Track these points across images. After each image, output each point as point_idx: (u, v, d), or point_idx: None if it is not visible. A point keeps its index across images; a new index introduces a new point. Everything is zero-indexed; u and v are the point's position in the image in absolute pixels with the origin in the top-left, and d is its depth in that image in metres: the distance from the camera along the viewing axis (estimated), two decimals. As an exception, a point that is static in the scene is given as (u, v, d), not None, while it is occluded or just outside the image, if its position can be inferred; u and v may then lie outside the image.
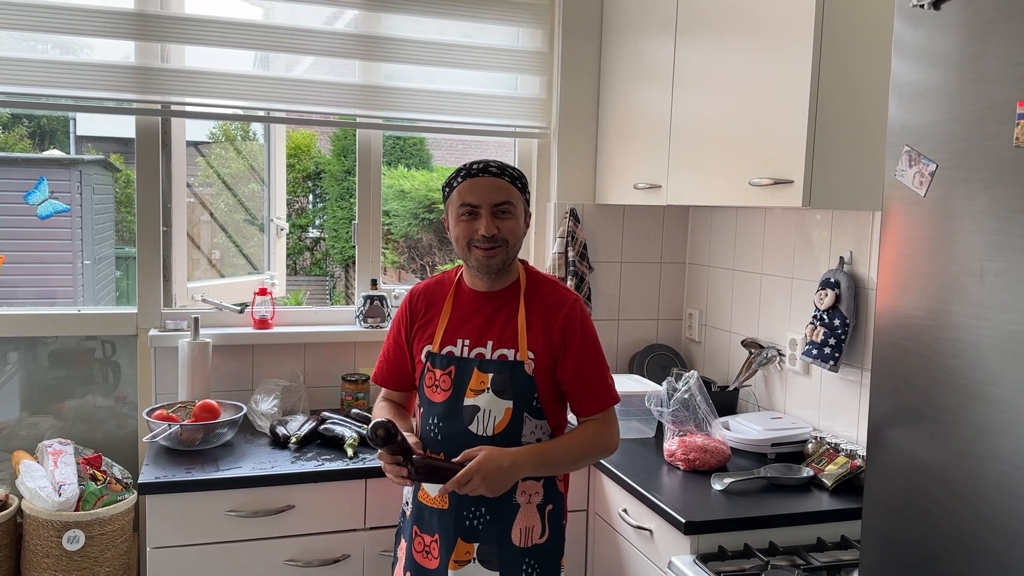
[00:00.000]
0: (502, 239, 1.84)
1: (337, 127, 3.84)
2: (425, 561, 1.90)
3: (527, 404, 1.87)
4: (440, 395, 1.89)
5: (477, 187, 1.84)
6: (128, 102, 2.55)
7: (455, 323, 1.92)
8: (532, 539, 1.89)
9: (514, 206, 1.86)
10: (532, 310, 1.90)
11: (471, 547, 1.86)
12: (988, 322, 1.07)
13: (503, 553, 1.86)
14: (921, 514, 1.17)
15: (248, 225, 4.24)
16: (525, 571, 1.88)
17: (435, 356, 1.91)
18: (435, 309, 1.96)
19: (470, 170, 1.87)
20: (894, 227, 1.23)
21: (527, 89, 2.95)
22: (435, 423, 1.89)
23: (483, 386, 1.86)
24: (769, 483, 2.12)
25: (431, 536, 1.89)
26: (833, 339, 2.22)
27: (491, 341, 1.89)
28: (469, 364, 1.88)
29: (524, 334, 1.88)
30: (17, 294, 4.07)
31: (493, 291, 1.93)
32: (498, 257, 1.85)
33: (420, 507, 1.92)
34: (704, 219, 2.99)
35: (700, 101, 2.32)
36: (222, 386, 2.66)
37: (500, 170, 1.87)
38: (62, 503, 2.19)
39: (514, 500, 1.87)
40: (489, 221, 1.82)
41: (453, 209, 1.88)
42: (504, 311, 1.91)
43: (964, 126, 1.12)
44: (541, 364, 1.87)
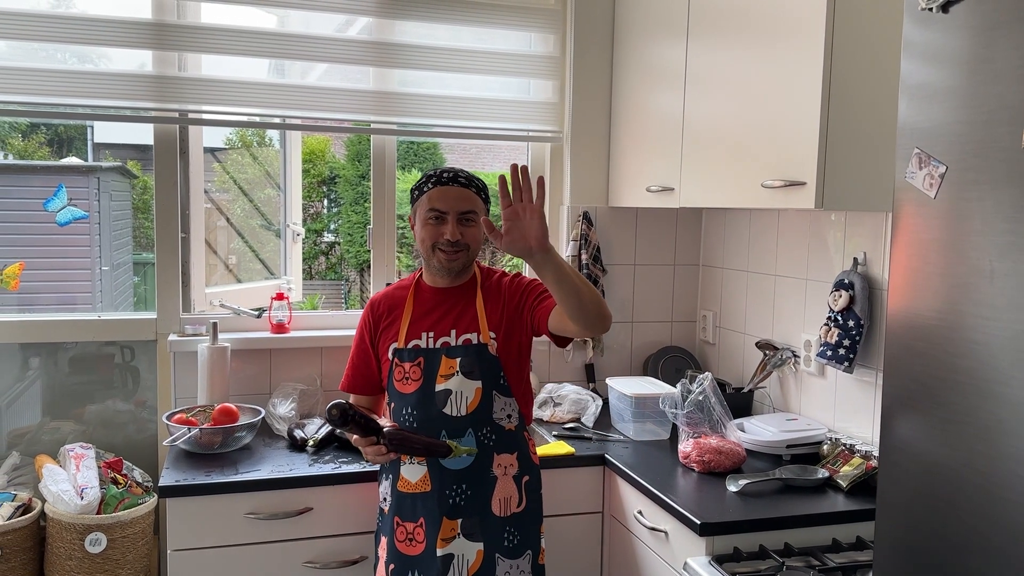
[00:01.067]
0: (464, 244, 2.02)
1: (352, 133, 3.86)
2: (409, 548, 2.00)
3: (495, 383, 2.03)
4: (411, 385, 2.02)
5: (446, 195, 2.01)
6: (146, 110, 2.58)
7: (417, 318, 2.07)
8: (511, 508, 2.02)
9: (477, 215, 2.03)
10: (487, 296, 2.08)
11: (455, 523, 1.98)
12: (999, 322, 1.08)
13: (485, 524, 1.99)
14: (933, 514, 1.17)
15: (264, 230, 4.28)
16: (507, 538, 2.01)
17: (402, 351, 2.05)
18: (397, 311, 2.11)
19: (440, 178, 2.03)
20: (905, 229, 1.24)
21: (539, 93, 2.97)
22: (409, 412, 2.02)
23: (452, 370, 2.01)
24: (784, 484, 2.12)
25: (415, 522, 1.99)
26: (848, 340, 2.22)
27: (454, 329, 2.04)
28: (436, 353, 2.03)
29: (484, 317, 2.05)
30: (37, 300, 4.13)
31: (453, 286, 2.09)
32: (459, 260, 2.03)
33: (400, 497, 2.02)
34: (717, 221, 3.00)
35: (712, 104, 2.33)
36: (240, 390, 2.69)
37: (468, 181, 2.05)
38: (84, 506, 2.23)
39: (491, 473, 2.01)
40: (455, 227, 2.00)
41: (421, 212, 2.04)
42: (463, 302, 2.08)
43: (973, 128, 1.13)
44: (503, 344, 2.04)
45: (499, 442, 2.02)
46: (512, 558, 2.01)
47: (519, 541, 2.02)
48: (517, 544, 2.02)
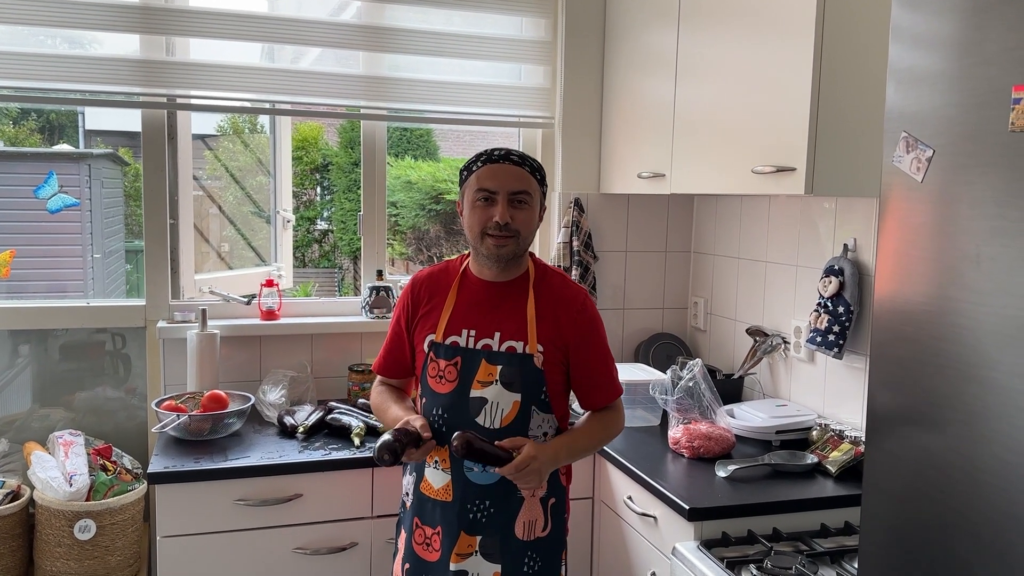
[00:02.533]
0: (515, 229, 1.81)
1: (342, 119, 3.84)
2: (425, 553, 1.89)
3: (535, 397, 1.85)
4: (445, 386, 1.86)
5: (496, 173, 1.82)
6: (134, 95, 2.56)
7: (460, 312, 1.89)
8: (535, 532, 1.88)
9: (531, 196, 1.84)
10: (541, 302, 1.88)
11: (474, 540, 1.85)
12: (985, 307, 1.08)
13: (506, 546, 1.85)
14: (920, 498, 1.18)
15: (256, 218, 4.26)
16: (527, 564, 1.87)
17: (439, 346, 1.88)
18: (439, 298, 1.92)
19: (491, 156, 1.84)
20: (892, 213, 1.23)
21: (531, 79, 2.95)
22: (439, 414, 1.86)
23: (491, 378, 1.83)
24: (773, 470, 2.12)
25: (432, 528, 1.87)
26: (837, 326, 2.22)
27: (498, 332, 1.85)
28: (476, 356, 1.84)
29: (534, 326, 1.85)
30: (28, 288, 4.11)
31: (501, 281, 1.90)
32: (509, 247, 1.83)
33: (422, 499, 1.89)
34: (709, 208, 2.99)
35: (703, 90, 2.32)
36: (230, 377, 2.68)
37: (521, 159, 1.85)
38: (73, 493, 2.22)
39: (518, 494, 1.85)
40: (504, 209, 1.80)
41: (469, 193, 1.85)
42: (512, 301, 1.88)
43: (962, 111, 1.12)
44: (550, 357, 1.85)
45: None
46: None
47: (540, 567, 1.87)
48: (538, 571, 1.87)
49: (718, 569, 1.71)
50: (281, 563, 2.18)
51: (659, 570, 2.03)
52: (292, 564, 2.19)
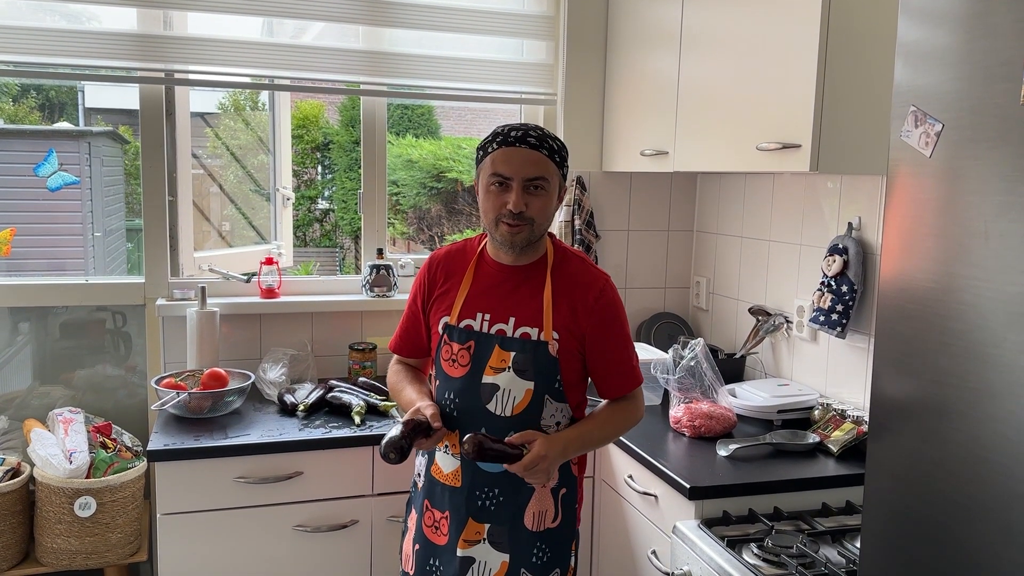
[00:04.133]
0: (529, 217, 1.74)
1: (342, 95, 3.81)
2: (434, 536, 1.86)
3: (549, 386, 1.79)
4: (458, 370, 1.81)
5: (512, 158, 1.73)
6: (131, 70, 2.54)
7: (475, 295, 1.83)
8: (545, 523, 1.83)
9: (548, 182, 1.75)
10: (559, 288, 1.81)
11: (482, 528, 1.81)
12: (992, 284, 1.06)
13: (515, 536, 1.81)
14: (923, 477, 1.17)
15: (257, 197, 4.24)
16: (536, 554, 1.82)
17: (453, 329, 1.83)
18: (455, 279, 1.87)
19: (507, 137, 1.75)
20: (900, 189, 1.22)
21: (533, 54, 2.92)
22: (451, 398, 1.82)
23: (504, 364, 1.78)
24: (775, 449, 2.12)
25: (441, 512, 1.84)
26: (841, 305, 2.21)
27: (513, 318, 1.80)
28: (490, 340, 1.79)
29: (549, 312, 1.79)
30: (28, 266, 4.10)
31: (518, 265, 1.84)
32: (523, 235, 1.76)
33: (432, 482, 1.87)
34: (712, 186, 2.97)
35: (708, 65, 2.29)
36: (230, 355, 2.67)
37: (539, 141, 1.75)
38: (73, 470, 2.22)
39: (529, 483, 1.80)
40: (519, 196, 1.72)
41: (484, 176, 1.77)
42: (528, 286, 1.82)
43: (971, 85, 1.10)
44: (565, 345, 1.79)
45: None
46: (539, 575, 1.83)
47: (549, 558, 1.83)
48: (547, 561, 1.83)
49: (719, 548, 1.71)
50: (281, 540, 2.19)
51: (660, 549, 2.03)
52: (292, 541, 2.19)
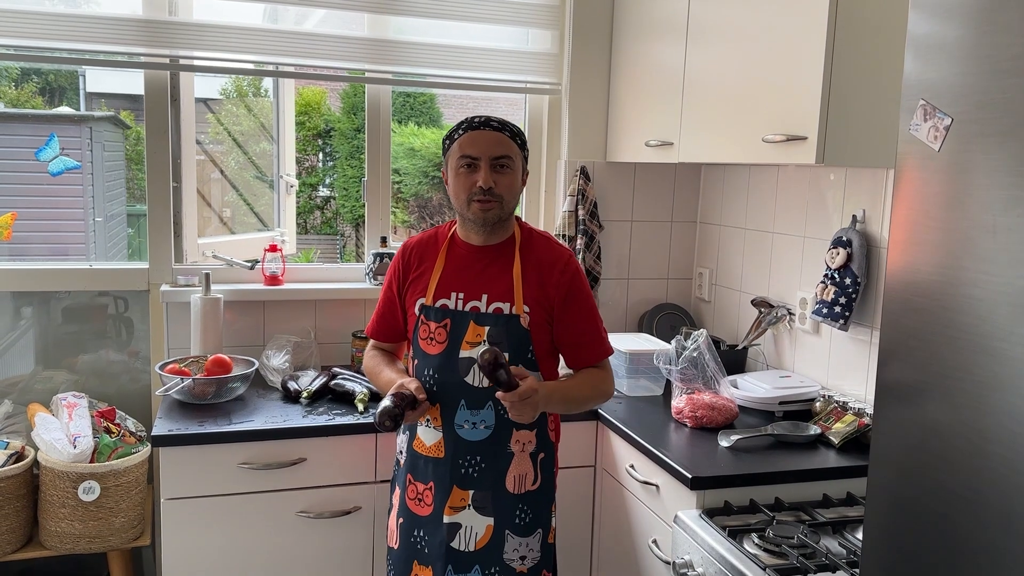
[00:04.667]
0: (498, 194, 1.87)
1: (346, 82, 3.80)
2: (418, 508, 1.96)
3: (522, 357, 1.91)
4: (435, 347, 1.92)
5: (477, 140, 1.88)
6: (136, 56, 2.53)
7: (448, 276, 1.95)
8: (525, 486, 1.95)
9: (513, 161, 1.90)
10: (527, 264, 1.94)
11: (466, 494, 1.92)
12: (999, 278, 1.06)
13: (497, 499, 1.92)
14: (926, 469, 1.17)
15: (258, 183, 4.24)
16: (518, 516, 1.94)
17: (429, 309, 1.94)
18: (428, 262, 1.99)
19: (472, 123, 1.90)
20: (907, 182, 1.22)
21: (538, 44, 2.91)
22: (431, 374, 1.92)
23: (479, 339, 1.90)
24: (776, 440, 2.13)
25: (424, 484, 1.94)
26: (844, 298, 2.21)
27: (486, 295, 1.92)
28: (464, 317, 1.91)
29: (520, 288, 1.92)
30: (30, 251, 4.10)
31: (488, 245, 1.96)
32: (493, 211, 1.89)
33: (415, 456, 1.96)
34: (716, 177, 2.97)
35: (714, 56, 2.29)
36: (234, 342, 2.68)
37: (501, 125, 1.91)
38: (77, 455, 2.23)
39: (508, 449, 1.92)
40: (487, 174, 1.86)
41: (453, 161, 1.91)
42: (498, 264, 1.95)
43: (980, 79, 1.10)
44: (536, 318, 1.92)
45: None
46: (522, 536, 1.94)
47: (531, 519, 1.95)
48: (529, 522, 1.95)
49: (720, 537, 1.72)
50: (284, 526, 2.20)
51: (661, 538, 2.04)
52: (295, 527, 2.21)
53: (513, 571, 1.94)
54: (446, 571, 1.91)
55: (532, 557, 1.96)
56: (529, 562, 1.96)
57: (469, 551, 1.92)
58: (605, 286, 2.98)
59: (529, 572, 1.96)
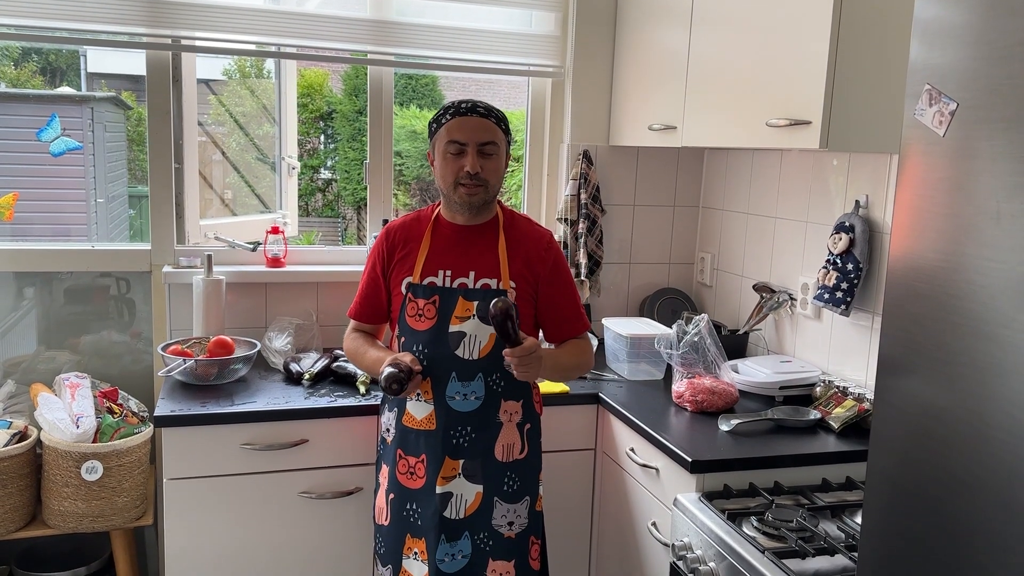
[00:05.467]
0: (484, 178, 1.94)
1: (349, 64, 3.78)
2: (410, 482, 2.00)
3: None
4: (424, 323, 1.97)
5: (465, 125, 1.93)
6: (137, 36, 2.52)
7: (435, 255, 2.01)
8: (513, 454, 2.02)
9: (498, 147, 1.96)
10: (511, 242, 2.02)
11: (457, 464, 1.97)
12: (1003, 264, 1.06)
13: (487, 468, 1.99)
14: (926, 454, 1.18)
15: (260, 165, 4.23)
16: (507, 483, 2.01)
17: (416, 287, 1.99)
18: (413, 243, 2.04)
19: (459, 108, 1.95)
20: (911, 168, 1.21)
21: (542, 26, 2.90)
22: (420, 349, 1.97)
23: (468, 313, 1.96)
24: (776, 425, 2.14)
25: (416, 457, 1.99)
26: (845, 283, 2.21)
27: (473, 271, 1.98)
28: (453, 293, 1.97)
29: (506, 264, 1.99)
30: (32, 231, 4.10)
31: (472, 224, 2.03)
32: (479, 195, 1.96)
33: (404, 431, 2.00)
34: (719, 162, 2.96)
35: (719, 39, 2.28)
36: (236, 323, 2.68)
37: (487, 111, 1.96)
38: (80, 435, 2.24)
39: (497, 419, 1.99)
40: (475, 159, 1.92)
41: (440, 145, 1.96)
42: (483, 243, 2.01)
43: (987, 64, 1.09)
44: (522, 292, 2.00)
45: (507, 389, 2.00)
46: (510, 502, 2.01)
47: (519, 487, 2.02)
48: (517, 489, 2.02)
49: (719, 520, 1.73)
50: (287, 506, 2.21)
51: (660, 521, 2.06)
52: (297, 507, 2.22)
53: (501, 536, 2.00)
54: (439, 540, 1.96)
55: (520, 523, 2.02)
56: (517, 528, 2.02)
57: (459, 518, 1.97)
58: (607, 270, 2.98)
59: (517, 538, 2.02)
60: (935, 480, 1.17)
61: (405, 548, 2.01)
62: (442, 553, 1.96)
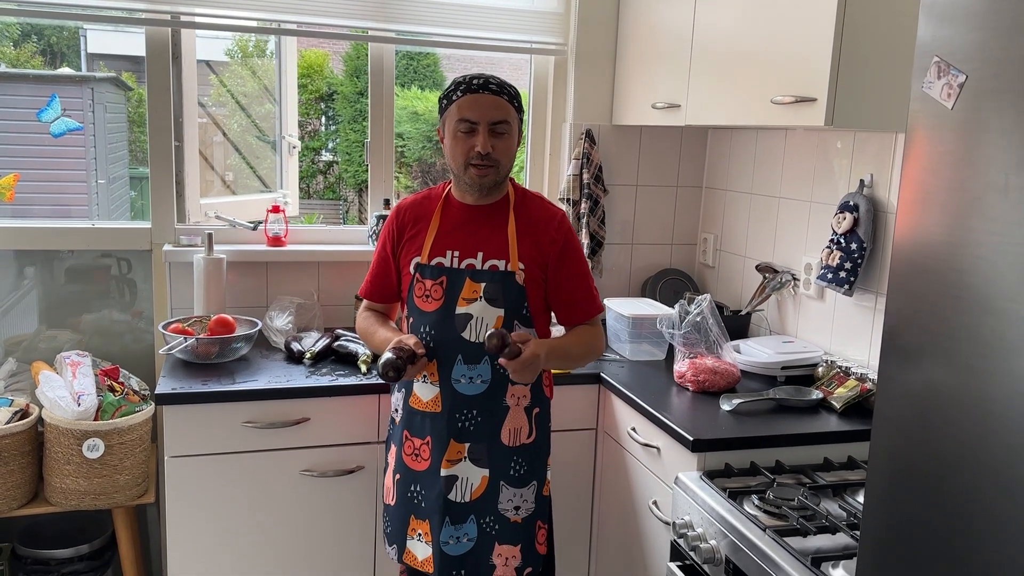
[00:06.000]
0: (496, 159, 1.88)
1: (349, 40, 3.74)
2: (415, 463, 1.99)
3: (518, 312, 1.94)
4: (432, 304, 1.94)
5: (476, 103, 1.86)
6: (137, 12, 2.50)
7: (444, 235, 1.96)
8: (520, 439, 1.99)
9: (510, 125, 1.90)
10: (521, 223, 1.96)
11: (462, 447, 1.95)
12: (1010, 238, 1.05)
13: (493, 452, 1.96)
14: (930, 430, 1.17)
15: (261, 146, 4.21)
16: (513, 468, 1.98)
17: (424, 267, 1.95)
18: (423, 222, 1.99)
19: (470, 85, 1.88)
20: (918, 142, 1.20)
21: (544, 2, 2.87)
22: (427, 331, 1.94)
23: (475, 295, 1.92)
24: (778, 404, 2.13)
25: (421, 439, 1.97)
26: (849, 263, 2.20)
27: (481, 252, 1.93)
28: (460, 275, 1.93)
29: (515, 245, 1.93)
30: (32, 212, 4.09)
31: (483, 204, 1.98)
32: (490, 176, 1.90)
33: (411, 412, 1.98)
34: (723, 142, 2.94)
35: (723, 16, 2.25)
36: (237, 302, 2.68)
37: (499, 88, 1.89)
38: (81, 412, 2.24)
39: (504, 403, 1.96)
40: (486, 139, 1.86)
41: (450, 123, 1.90)
42: (493, 223, 1.96)
43: (996, 36, 1.08)
44: (531, 275, 1.94)
45: None
46: (517, 487, 1.98)
47: (526, 471, 1.99)
48: (524, 474, 1.99)
49: (720, 498, 1.73)
50: (288, 484, 2.21)
51: (661, 499, 2.06)
52: (299, 485, 2.22)
53: (508, 521, 1.98)
54: (443, 523, 1.94)
55: (526, 508, 2.00)
56: (523, 512, 2.00)
57: (465, 502, 1.95)
58: (609, 251, 2.97)
59: (523, 522, 2.00)
60: (938, 459, 1.16)
61: (409, 529, 2.00)
62: (446, 536, 1.94)
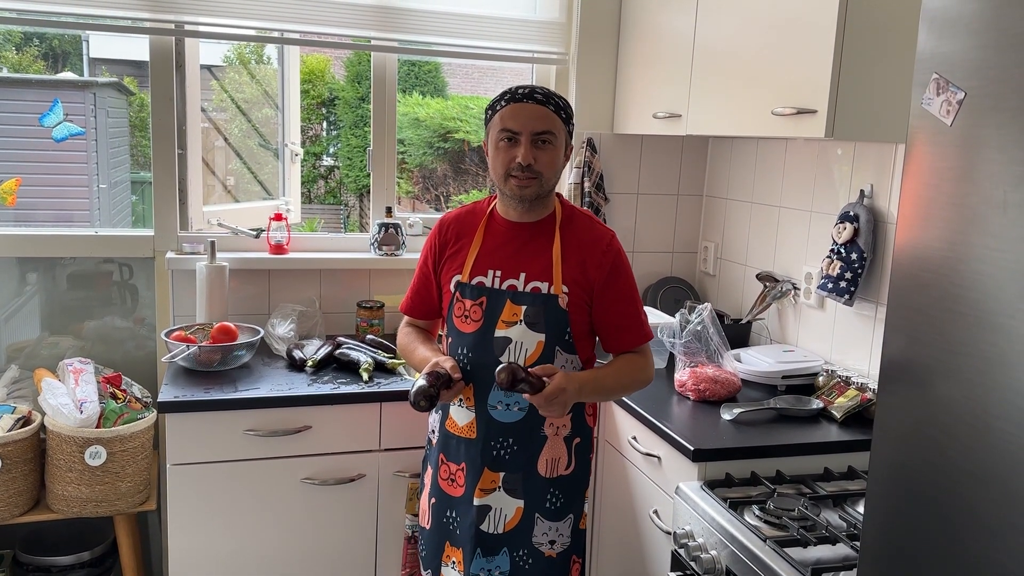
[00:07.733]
0: (538, 171, 1.80)
1: (352, 50, 3.76)
2: (450, 488, 1.92)
3: (559, 338, 1.84)
4: (470, 326, 1.86)
5: (519, 113, 1.79)
6: (141, 21, 2.51)
7: (486, 253, 1.88)
8: (558, 470, 1.89)
9: (555, 136, 1.81)
10: (567, 243, 1.87)
11: (497, 476, 1.87)
12: (1008, 254, 1.06)
13: (528, 483, 1.88)
14: (930, 443, 1.18)
15: (262, 151, 4.22)
16: (549, 500, 1.90)
17: (465, 287, 1.88)
18: (466, 238, 1.92)
19: (515, 95, 1.81)
20: (918, 157, 1.21)
21: (546, 12, 2.88)
22: (465, 353, 1.86)
23: (516, 318, 1.83)
24: (778, 414, 2.14)
25: (457, 465, 1.90)
26: (849, 273, 2.21)
27: (524, 273, 1.85)
28: (501, 296, 1.84)
29: (559, 267, 1.84)
30: (34, 217, 4.10)
31: (527, 222, 1.89)
32: (532, 188, 1.81)
33: (447, 436, 1.92)
34: (723, 151, 2.95)
35: (725, 27, 2.27)
36: (239, 310, 2.69)
37: (545, 98, 1.81)
38: (83, 420, 2.25)
39: (542, 432, 1.87)
40: (528, 150, 1.78)
41: (493, 133, 1.83)
42: (537, 242, 1.87)
43: (996, 53, 1.09)
44: (575, 299, 1.84)
45: None
46: (553, 520, 1.90)
47: (562, 504, 1.90)
48: (560, 507, 1.90)
49: (721, 508, 1.73)
50: (289, 492, 2.22)
51: (661, 509, 2.06)
52: (300, 493, 2.23)
53: (542, 555, 1.90)
54: (474, 554, 1.87)
55: (562, 542, 1.92)
56: (559, 547, 1.92)
57: (497, 533, 1.87)
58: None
59: (558, 557, 1.92)
60: (939, 470, 1.17)
61: (444, 556, 1.94)
62: (477, 567, 1.87)
